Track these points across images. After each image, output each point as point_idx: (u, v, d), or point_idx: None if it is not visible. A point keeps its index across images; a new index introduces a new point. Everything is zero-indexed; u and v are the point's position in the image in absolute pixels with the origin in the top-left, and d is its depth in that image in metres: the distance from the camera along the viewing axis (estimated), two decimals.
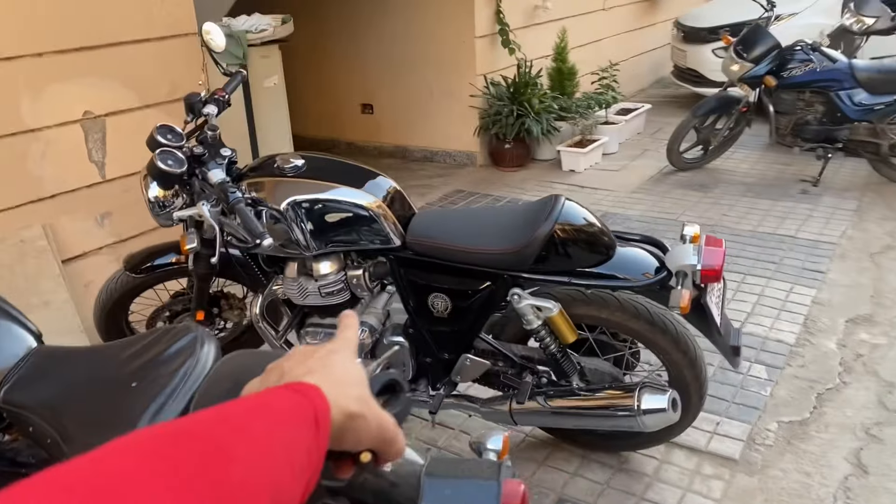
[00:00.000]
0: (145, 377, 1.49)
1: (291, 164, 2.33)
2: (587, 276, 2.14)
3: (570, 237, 2.12)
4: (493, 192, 5.35)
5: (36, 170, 3.02)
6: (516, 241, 2.11)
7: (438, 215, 2.36)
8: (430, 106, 6.00)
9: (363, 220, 2.26)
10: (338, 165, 2.40)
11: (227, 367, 1.49)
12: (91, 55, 3.15)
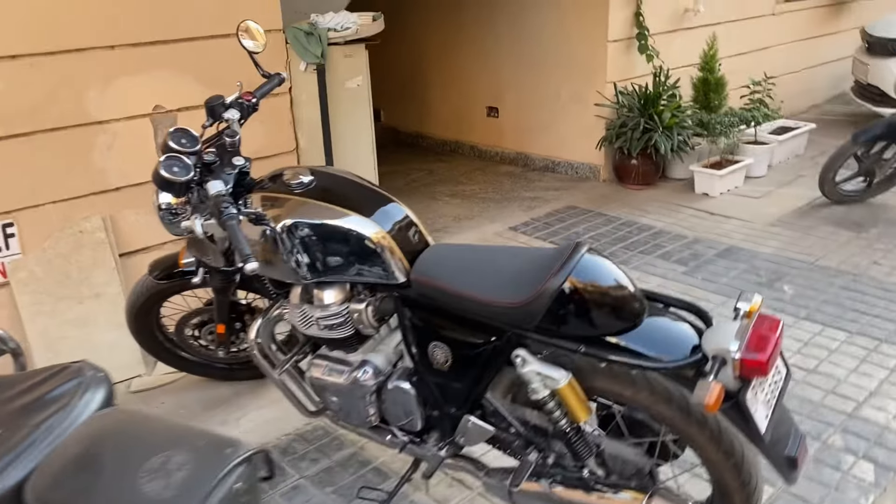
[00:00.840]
0: (11, 424, 1.33)
1: (298, 181, 2.12)
2: (604, 347, 1.75)
3: (585, 296, 1.74)
4: (609, 211, 4.90)
5: (101, 162, 3.04)
6: (522, 294, 1.76)
7: (449, 252, 2.05)
8: (557, 113, 5.61)
9: (364, 251, 2.01)
10: (348, 186, 2.16)
11: (87, 430, 1.30)
12: (165, 49, 3.12)
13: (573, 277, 1.73)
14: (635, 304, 1.77)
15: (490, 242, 4.40)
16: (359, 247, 2.00)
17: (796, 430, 1.78)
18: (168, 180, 2.07)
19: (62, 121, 2.91)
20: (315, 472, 2.50)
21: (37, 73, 2.81)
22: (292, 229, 2.04)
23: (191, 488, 1.13)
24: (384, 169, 5.97)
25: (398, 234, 2.04)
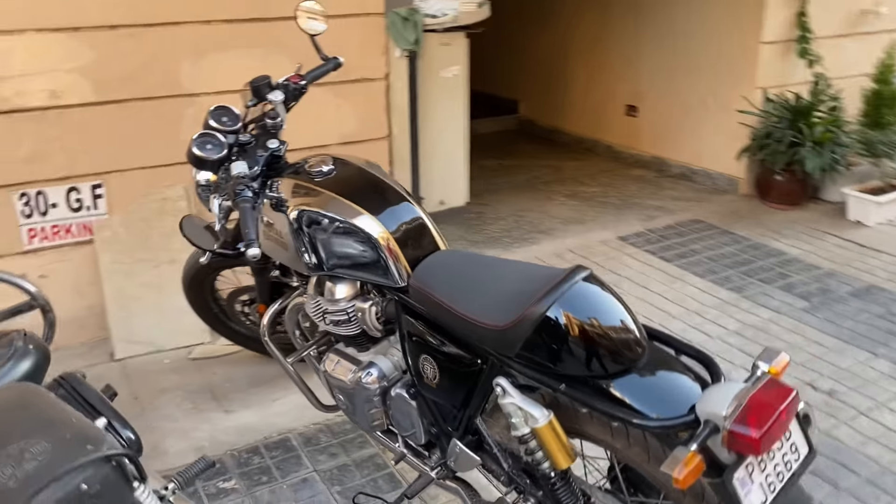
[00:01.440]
0: None
1: (318, 169, 2.04)
2: (589, 390, 1.52)
3: (571, 329, 1.52)
4: (738, 230, 4.44)
5: (188, 133, 3.11)
6: (506, 317, 1.57)
7: (453, 261, 1.89)
8: (699, 117, 5.17)
9: (367, 249, 1.90)
10: (364, 180, 2.04)
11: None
12: (260, 27, 3.17)
13: (561, 307, 1.52)
14: (632, 345, 1.53)
15: (593, 251, 4.13)
16: (361, 245, 1.90)
17: None
18: (199, 157, 2.08)
19: (155, 91, 3.03)
20: (329, 467, 2.44)
21: (135, 43, 2.94)
22: (301, 218, 1.97)
23: (32, 480, 1.08)
24: (510, 162, 5.83)
25: (404, 235, 1.91)
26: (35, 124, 2.83)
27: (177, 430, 2.61)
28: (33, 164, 2.87)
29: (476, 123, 6.67)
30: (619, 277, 3.79)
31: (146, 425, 2.64)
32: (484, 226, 4.50)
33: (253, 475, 2.40)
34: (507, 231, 4.41)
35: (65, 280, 3.05)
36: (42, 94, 2.83)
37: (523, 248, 4.15)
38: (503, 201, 4.93)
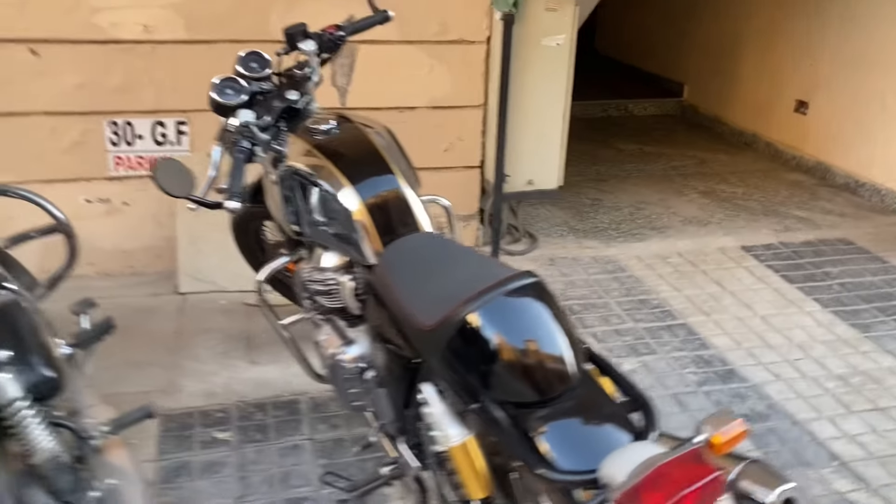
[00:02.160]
0: None
1: (320, 127, 1.92)
2: (499, 416, 1.29)
3: (491, 343, 1.29)
4: (894, 259, 3.77)
5: None
6: (433, 316, 1.38)
7: (421, 245, 1.69)
8: (876, 122, 4.45)
9: (340, 221, 1.76)
10: (359, 147, 1.88)
11: None
12: None
13: (485, 315, 1.29)
14: (559, 375, 1.28)
15: (706, 258, 3.69)
16: (337, 216, 1.76)
17: None
18: (215, 102, 2.02)
19: (243, 34, 3.02)
20: (325, 438, 2.35)
21: None
22: (284, 178, 1.87)
23: None
24: (652, 148, 5.37)
25: (382, 212, 1.74)
26: (127, 56, 2.94)
27: (198, 372, 2.64)
28: (123, 95, 2.98)
29: (633, 104, 6.30)
30: (723, 291, 3.36)
31: (173, 362, 2.70)
32: (595, 214, 4.18)
33: (249, 431, 2.38)
34: (617, 223, 4.06)
35: (146, 210, 3.18)
36: (136, 28, 2.92)
37: (626, 244, 3.80)
38: (626, 189, 4.55)
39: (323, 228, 1.81)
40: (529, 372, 1.27)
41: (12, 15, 2.78)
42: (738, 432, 1.15)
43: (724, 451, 1.14)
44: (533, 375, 1.27)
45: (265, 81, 2.09)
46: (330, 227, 1.79)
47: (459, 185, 3.47)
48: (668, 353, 2.89)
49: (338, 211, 1.75)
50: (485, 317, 1.29)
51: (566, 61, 3.17)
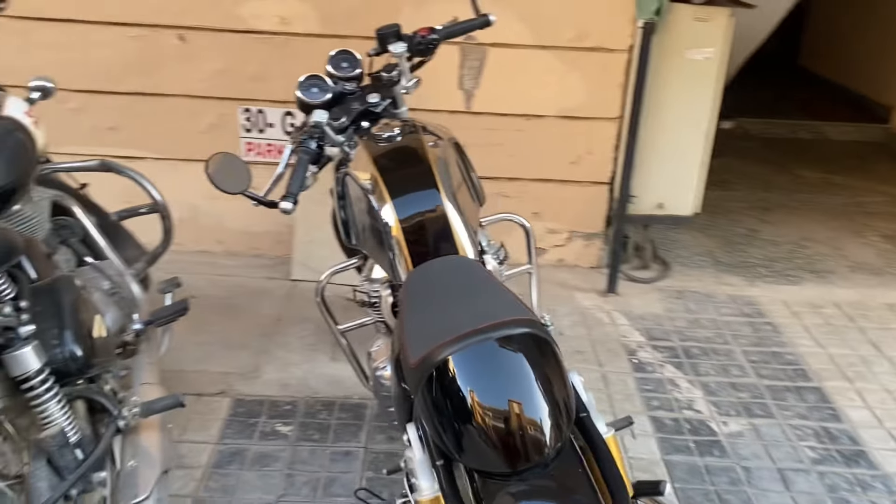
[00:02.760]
0: None
1: (383, 134, 1.84)
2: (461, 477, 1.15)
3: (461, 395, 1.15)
4: None
5: None
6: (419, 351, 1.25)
7: (446, 269, 1.54)
8: None
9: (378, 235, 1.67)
10: (411, 157, 1.78)
11: None
12: None
13: (462, 361, 1.15)
14: (530, 445, 1.10)
15: (867, 314, 3.18)
16: (378, 228, 1.67)
17: None
18: (299, 100, 2.03)
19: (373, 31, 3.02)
20: (380, 450, 2.29)
21: None
22: (338, 183, 1.81)
23: None
24: (840, 179, 4.75)
25: (417, 230, 1.63)
26: (264, 46, 3.04)
27: (282, 361, 2.68)
28: (257, 83, 3.09)
29: (829, 127, 5.64)
30: (878, 356, 2.88)
31: (263, 347, 2.76)
32: (747, 247, 3.77)
33: (310, 429, 2.37)
34: (770, 260, 3.63)
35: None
36: (274, 20, 3.01)
37: (773, 285, 3.38)
38: (793, 223, 4.06)
39: (369, 240, 1.74)
40: (495, 438, 1.11)
41: (165, 3, 2.97)
42: None
43: None
44: (499, 442, 1.11)
45: (352, 82, 2.05)
46: (374, 240, 1.71)
47: (585, 201, 3.26)
48: (787, 420, 2.52)
49: (379, 224, 1.67)
50: (459, 364, 1.15)
51: (714, 77, 2.85)
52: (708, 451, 2.36)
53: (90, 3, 2.97)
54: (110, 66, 3.07)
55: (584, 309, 3.10)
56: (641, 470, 2.27)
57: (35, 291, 1.65)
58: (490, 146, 3.18)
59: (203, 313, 2.93)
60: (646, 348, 2.87)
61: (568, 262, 3.41)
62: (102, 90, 3.11)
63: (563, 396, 1.14)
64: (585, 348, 2.85)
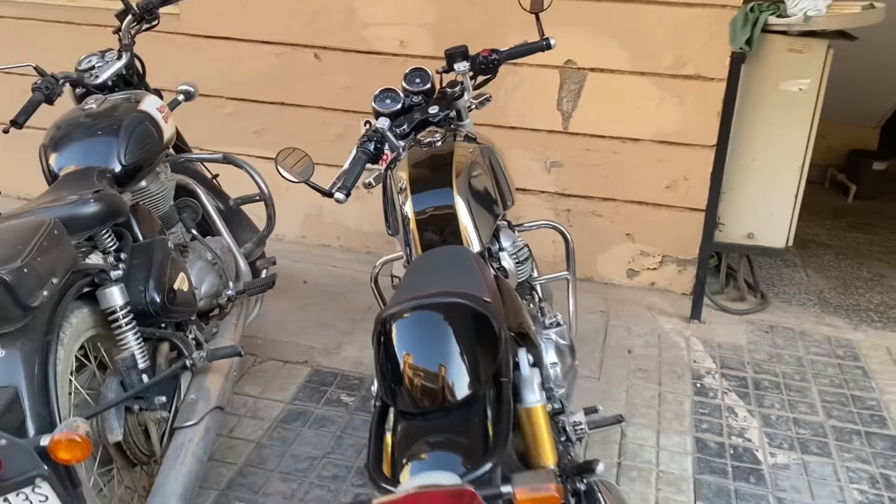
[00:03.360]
0: None
1: (425, 140, 2.09)
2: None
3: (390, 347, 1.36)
4: None
5: (504, 99, 3.32)
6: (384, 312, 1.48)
7: (441, 256, 1.73)
8: None
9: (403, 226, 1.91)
10: (439, 158, 1.98)
11: None
12: (590, 6, 3.11)
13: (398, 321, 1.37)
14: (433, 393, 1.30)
15: None
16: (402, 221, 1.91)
17: None
18: (374, 109, 2.34)
19: None
20: None
21: (473, 8, 3.24)
22: (386, 180, 2.09)
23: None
24: None
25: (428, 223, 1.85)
26: (384, 66, 3.40)
27: (361, 343, 2.99)
28: None
29: None
30: None
31: (349, 329, 3.09)
32: (866, 291, 3.57)
33: (368, 401, 2.64)
34: (887, 307, 3.42)
35: None
36: (394, 42, 3.37)
37: (881, 332, 3.19)
38: None
39: (398, 229, 1.99)
40: (408, 383, 1.31)
41: (304, 26, 3.42)
42: (548, 495, 1.08)
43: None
44: (410, 387, 1.31)
45: (421, 95, 2.32)
46: (400, 230, 1.96)
47: (679, 226, 3.29)
48: (844, 461, 2.43)
49: (402, 217, 1.91)
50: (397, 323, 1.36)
51: (809, 109, 2.80)
52: (744, 477, 2.35)
53: (245, 25, 3.50)
54: (259, 78, 3.58)
55: (662, 332, 3.14)
56: (667, 483, 2.31)
57: (134, 248, 2.07)
58: (585, 165, 3.32)
59: (309, 297, 3.33)
60: (713, 375, 2.86)
61: (660, 286, 3.44)
62: (252, 99, 3.63)
63: (474, 360, 1.32)
64: (650, 367, 2.89)
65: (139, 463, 1.98)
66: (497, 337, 1.38)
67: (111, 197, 2.00)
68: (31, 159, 2.34)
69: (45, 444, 1.46)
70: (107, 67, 2.52)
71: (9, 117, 2.28)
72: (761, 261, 3.70)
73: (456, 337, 1.34)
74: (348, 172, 2.11)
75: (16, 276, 1.57)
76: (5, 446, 1.42)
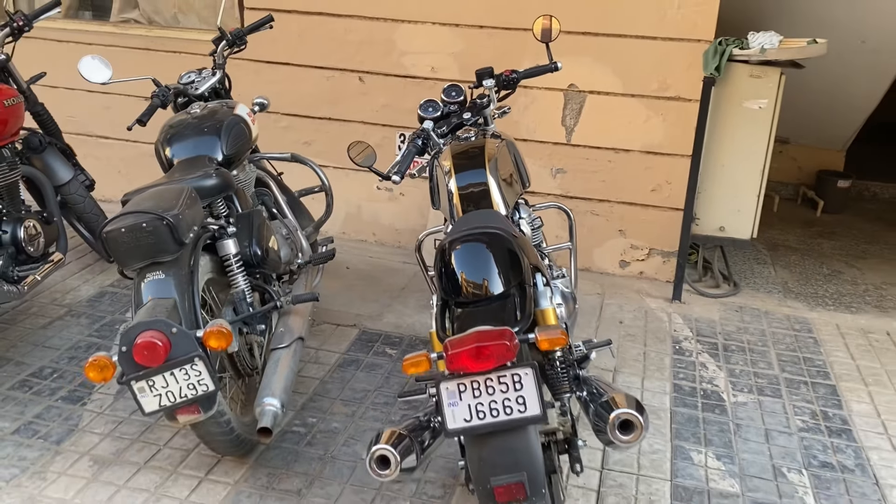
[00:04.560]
0: None
1: (465, 136, 2.73)
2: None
3: (448, 261, 1.99)
4: None
5: (517, 115, 3.98)
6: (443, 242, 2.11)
7: (477, 215, 2.35)
8: None
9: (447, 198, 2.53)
10: (474, 149, 2.60)
11: None
12: (593, 40, 3.78)
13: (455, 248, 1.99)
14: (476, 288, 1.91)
15: (877, 339, 3.55)
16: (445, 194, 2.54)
17: None
18: (419, 115, 2.98)
19: None
20: None
21: (493, 40, 3.91)
22: (433, 166, 2.73)
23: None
24: None
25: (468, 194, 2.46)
26: (417, 88, 4.06)
27: (400, 312, 3.60)
28: (411, 115, 4.08)
29: None
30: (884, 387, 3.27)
31: (388, 303, 3.70)
32: (825, 283, 4.19)
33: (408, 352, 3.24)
34: (840, 294, 4.04)
35: (413, 201, 4.28)
36: (426, 68, 4.04)
37: (833, 312, 3.81)
38: (882, 270, 4.41)
39: (443, 202, 2.61)
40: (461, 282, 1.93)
41: (351, 54, 4.10)
42: (557, 336, 1.69)
43: (546, 348, 1.71)
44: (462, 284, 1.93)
45: (456, 105, 2.96)
46: (446, 202, 2.58)
47: (663, 224, 3.92)
48: (792, 402, 3.02)
49: (447, 192, 2.53)
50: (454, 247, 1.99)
51: (767, 123, 3.46)
52: (711, 409, 2.95)
53: (299, 52, 4.18)
54: (310, 97, 4.24)
55: (648, 309, 3.75)
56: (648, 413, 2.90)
57: (239, 216, 2.70)
58: (585, 172, 3.97)
59: (352, 279, 3.95)
60: (690, 340, 3.47)
61: (648, 275, 4.06)
62: (303, 114, 4.29)
63: (507, 270, 1.94)
64: (638, 334, 3.50)
65: (245, 374, 2.59)
66: (518, 257, 2.00)
67: (226, 174, 2.64)
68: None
69: (201, 335, 2.08)
70: (204, 81, 3.18)
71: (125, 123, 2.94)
72: (735, 257, 4.33)
73: (494, 257, 1.96)
74: (401, 162, 2.72)
75: (175, 219, 2.20)
76: (176, 333, 2.04)
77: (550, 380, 2.01)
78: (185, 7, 4.61)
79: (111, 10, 4.74)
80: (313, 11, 4.12)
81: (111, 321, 3.43)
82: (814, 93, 4.59)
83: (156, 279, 2.22)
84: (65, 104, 4.20)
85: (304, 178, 3.54)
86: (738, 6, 3.98)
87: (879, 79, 4.55)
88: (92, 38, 4.51)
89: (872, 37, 4.20)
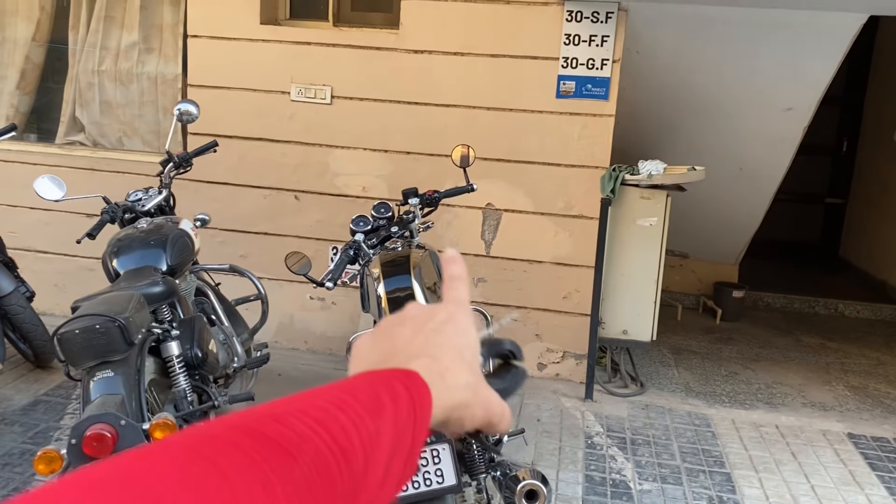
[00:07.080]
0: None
1: (392, 247, 3.06)
2: None
3: None
4: None
5: (441, 230, 4.37)
6: None
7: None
8: None
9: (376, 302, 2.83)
10: (401, 258, 2.95)
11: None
12: (506, 166, 4.25)
13: None
14: None
15: (799, 436, 3.93)
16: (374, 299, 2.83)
17: None
18: (351, 228, 3.30)
19: None
20: None
21: (417, 164, 4.34)
22: (363, 274, 3.03)
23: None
24: (836, 345, 5.47)
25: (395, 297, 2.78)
26: (349, 205, 4.42)
27: None
28: (343, 229, 4.44)
29: (843, 305, 6.36)
30: (792, 460, 3.62)
31: None
32: (722, 383, 4.58)
33: None
34: (735, 393, 4.43)
35: (345, 310, 4.54)
36: (358, 188, 4.42)
37: (729, 409, 4.19)
38: (773, 371, 4.85)
39: (373, 306, 2.90)
40: None
41: (288, 175, 4.46)
42: None
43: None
44: None
45: (384, 220, 3.31)
46: (374, 306, 2.87)
47: (574, 328, 4.29)
48: (692, 488, 3.32)
49: (376, 296, 2.83)
50: None
51: (658, 238, 3.93)
52: (619, 497, 3.21)
53: (239, 173, 4.52)
54: (248, 213, 4.55)
55: (563, 408, 4.05)
56: (562, 502, 3.15)
57: (181, 321, 2.92)
58: (504, 282, 4.34)
59: (283, 385, 4.13)
60: (601, 436, 3.76)
61: (563, 376, 4.38)
62: (241, 229, 4.58)
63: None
64: (554, 431, 3.78)
65: None
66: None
67: (171, 282, 2.88)
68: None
69: (147, 427, 2.26)
70: (151, 199, 3.45)
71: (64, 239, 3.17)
72: (642, 359, 4.71)
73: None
74: (335, 270, 3.03)
75: (126, 322, 2.41)
76: (124, 425, 2.22)
77: (468, 462, 2.26)
78: (130, 131, 4.92)
79: (56, 133, 5.01)
80: (253, 137, 4.49)
81: (45, 429, 3.51)
82: (705, 213, 5.16)
83: (105, 377, 2.41)
84: (7, 220, 4.38)
85: (240, 289, 3.79)
86: (631, 138, 4.54)
87: (759, 201, 5.16)
88: (38, 159, 4.75)
89: (749, 164, 4.82)
